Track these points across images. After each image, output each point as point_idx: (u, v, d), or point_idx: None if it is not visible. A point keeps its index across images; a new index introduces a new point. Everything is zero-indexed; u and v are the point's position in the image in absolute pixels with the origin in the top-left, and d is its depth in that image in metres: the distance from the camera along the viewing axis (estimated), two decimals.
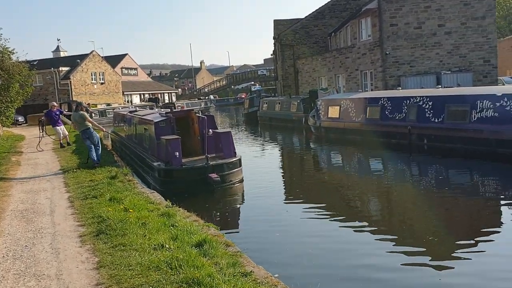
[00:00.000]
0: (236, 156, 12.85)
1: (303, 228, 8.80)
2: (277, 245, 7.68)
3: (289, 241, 7.91)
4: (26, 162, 15.65)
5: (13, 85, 24.31)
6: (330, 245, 7.79)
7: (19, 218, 7.95)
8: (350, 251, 7.41)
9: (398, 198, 11.45)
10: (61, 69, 48.26)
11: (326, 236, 8.25)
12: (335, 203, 11.20)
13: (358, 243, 7.86)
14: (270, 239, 8.04)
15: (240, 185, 12.52)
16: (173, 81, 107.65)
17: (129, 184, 10.30)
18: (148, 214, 7.52)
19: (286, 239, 8.00)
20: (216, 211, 10.38)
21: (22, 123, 39.53)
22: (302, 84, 37.96)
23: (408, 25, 26.27)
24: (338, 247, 7.67)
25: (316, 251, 7.37)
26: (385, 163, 16.79)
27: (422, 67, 26.44)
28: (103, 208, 7.84)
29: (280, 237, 8.15)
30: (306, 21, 38.97)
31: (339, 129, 21.68)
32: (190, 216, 7.81)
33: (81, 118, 13.55)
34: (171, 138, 12.18)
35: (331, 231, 8.60)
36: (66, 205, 8.64)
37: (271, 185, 13.30)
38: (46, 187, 10.78)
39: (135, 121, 17.11)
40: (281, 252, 7.30)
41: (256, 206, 10.70)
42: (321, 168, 16.86)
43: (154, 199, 9.08)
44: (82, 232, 6.65)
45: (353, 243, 7.85)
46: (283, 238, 8.06)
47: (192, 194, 11.04)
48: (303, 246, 7.63)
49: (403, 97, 18.46)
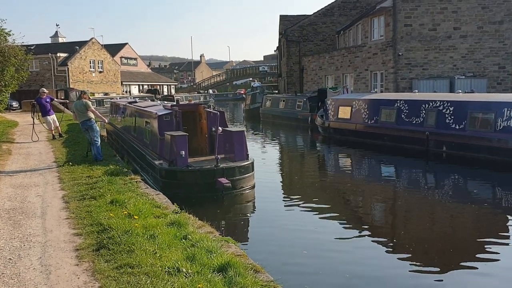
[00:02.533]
0: (249, 159, 11.56)
1: (329, 243, 7.78)
2: (310, 267, 6.61)
3: (322, 261, 6.88)
4: (18, 151, 14.51)
5: (8, 68, 23.10)
6: (367, 265, 6.78)
7: (4, 219, 6.85)
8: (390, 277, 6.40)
9: (417, 208, 10.46)
10: (59, 55, 46.87)
11: (353, 252, 7.27)
12: (353, 213, 10.28)
13: (395, 267, 6.86)
14: (299, 258, 6.94)
15: (251, 192, 11.20)
16: (173, 73, 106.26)
17: (131, 183, 9.19)
18: (156, 222, 6.44)
19: (317, 259, 6.97)
20: (228, 222, 9.18)
21: (16, 108, 38.27)
22: (307, 82, 36.89)
23: (423, 26, 25.30)
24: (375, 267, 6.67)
25: (355, 271, 6.38)
26: (400, 169, 15.78)
27: (435, 71, 25.49)
28: (104, 213, 6.74)
29: (310, 256, 7.07)
30: (314, 17, 37.90)
31: (350, 130, 20.65)
32: (203, 227, 6.75)
33: (84, 107, 12.20)
34: (177, 135, 10.84)
35: (358, 246, 7.63)
36: (59, 206, 7.52)
37: (282, 192, 12.24)
38: (38, 182, 9.66)
39: (135, 113, 15.75)
40: (318, 275, 6.29)
41: (272, 217, 9.57)
42: (334, 173, 15.73)
43: (160, 202, 8.01)
44: (79, 244, 5.54)
45: (391, 267, 6.83)
46: (313, 257, 7.03)
47: (197, 200, 9.75)
48: (337, 265, 6.68)
49: (421, 101, 17.45)
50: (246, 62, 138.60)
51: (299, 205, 10.52)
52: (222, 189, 10.21)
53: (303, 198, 11.14)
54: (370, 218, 9.87)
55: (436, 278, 6.40)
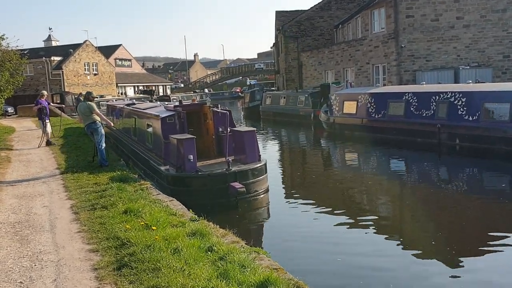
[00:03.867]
0: (262, 161, 10.90)
1: (359, 247, 7.30)
2: (353, 277, 6.13)
3: (362, 270, 6.42)
4: (17, 158, 13.92)
5: (3, 73, 22.42)
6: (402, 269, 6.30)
7: (10, 235, 6.29)
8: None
9: (436, 202, 10.01)
10: (53, 58, 46.12)
11: (387, 257, 6.80)
12: (371, 213, 9.83)
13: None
14: (335, 266, 6.45)
15: (265, 195, 10.58)
16: (167, 73, 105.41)
17: (142, 190, 8.63)
18: (176, 232, 5.91)
19: (355, 267, 6.50)
20: (246, 230, 8.49)
21: (11, 114, 37.52)
22: (306, 77, 36.37)
23: (425, 17, 24.79)
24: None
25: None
26: (412, 164, 15.30)
27: (439, 62, 25.00)
28: (119, 224, 6.19)
29: (346, 264, 6.58)
30: (311, 12, 37.36)
31: (356, 125, 20.15)
32: (227, 235, 6.22)
33: (88, 109, 11.52)
34: (184, 138, 10.14)
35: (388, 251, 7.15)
36: (69, 218, 6.97)
37: (296, 194, 11.64)
38: (43, 191, 9.09)
39: (134, 115, 15.01)
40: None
41: (292, 222, 9.04)
42: (345, 170, 15.18)
43: (175, 209, 7.47)
44: (97, 263, 4.99)
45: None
46: (350, 265, 6.55)
47: (209, 207, 8.91)
48: (378, 272, 6.22)
49: (431, 93, 16.97)
50: (240, 60, 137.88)
51: (316, 207, 10.01)
52: (235, 195, 9.55)
53: (319, 199, 10.65)
54: (392, 218, 9.40)
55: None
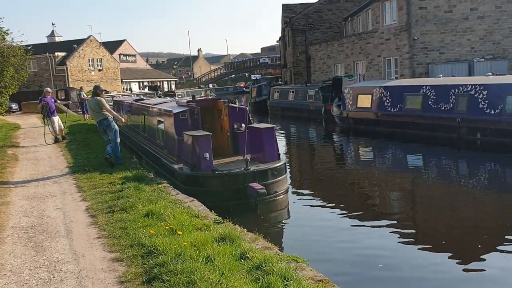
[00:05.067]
0: (281, 160, 10.31)
1: (393, 250, 6.82)
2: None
3: (408, 275, 5.99)
4: (25, 156, 13.46)
5: (8, 69, 21.92)
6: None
7: (24, 241, 5.81)
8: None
9: (457, 199, 9.48)
10: (56, 54, 45.57)
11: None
12: (394, 210, 9.42)
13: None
14: (377, 272, 5.97)
15: (285, 196, 9.97)
16: (171, 69, 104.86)
17: (160, 189, 8.14)
18: (204, 237, 5.42)
19: (401, 271, 6.05)
20: (270, 234, 7.87)
21: (16, 110, 37.11)
22: (314, 71, 35.78)
23: (438, 8, 24.17)
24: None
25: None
26: (432, 159, 14.75)
27: (453, 54, 24.40)
28: (142, 229, 5.69)
29: (390, 269, 6.10)
30: (319, 4, 36.73)
31: (371, 120, 19.62)
32: (257, 240, 5.73)
33: (97, 105, 10.89)
34: (199, 135, 9.52)
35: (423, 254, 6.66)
36: (86, 221, 6.48)
37: (316, 194, 11.00)
38: (54, 192, 8.61)
39: (144, 111, 14.44)
40: None
41: (317, 225, 8.49)
42: (363, 166, 14.64)
43: (197, 210, 6.98)
44: (123, 274, 4.48)
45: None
46: (394, 270, 6.10)
47: (226, 209, 7.97)
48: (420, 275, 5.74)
49: (450, 85, 16.41)
50: (243, 55, 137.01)
51: (336, 206, 9.55)
52: (255, 196, 8.96)
53: (338, 198, 10.23)
54: (419, 217, 8.88)
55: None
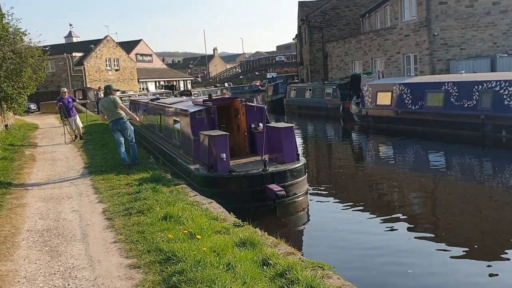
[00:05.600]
0: (300, 160, 9.92)
1: (421, 256, 6.51)
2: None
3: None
4: (42, 157, 13.42)
5: (26, 69, 21.91)
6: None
7: (39, 245, 5.65)
8: None
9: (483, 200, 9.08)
10: (74, 54, 45.94)
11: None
12: (420, 212, 9.06)
13: None
14: (408, 280, 5.67)
15: (305, 198, 9.62)
16: (187, 68, 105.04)
17: (177, 190, 7.94)
18: (223, 242, 5.19)
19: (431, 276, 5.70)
20: (291, 238, 7.57)
21: (34, 110, 37.46)
22: (332, 69, 35.36)
23: (459, 3, 23.61)
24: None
25: None
26: (454, 158, 14.33)
27: (474, 50, 23.81)
28: (159, 233, 5.48)
29: (418, 276, 5.81)
30: (336, 1, 36.27)
31: (391, 117, 19.21)
32: (279, 245, 5.47)
33: (113, 105, 10.63)
34: (216, 135, 9.23)
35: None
36: (102, 225, 6.31)
37: (337, 195, 10.58)
38: (71, 193, 8.48)
39: (160, 110, 14.27)
40: None
41: (340, 229, 8.13)
42: (384, 166, 14.13)
43: (216, 212, 6.77)
44: (141, 282, 4.25)
45: None
46: (425, 279, 5.78)
47: (244, 211, 7.63)
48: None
49: (473, 82, 15.93)
50: (259, 54, 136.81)
51: (360, 209, 9.20)
52: (274, 198, 8.67)
53: (359, 199, 9.87)
54: (445, 219, 8.53)
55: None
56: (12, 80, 21.66)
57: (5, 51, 21.54)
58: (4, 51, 21.54)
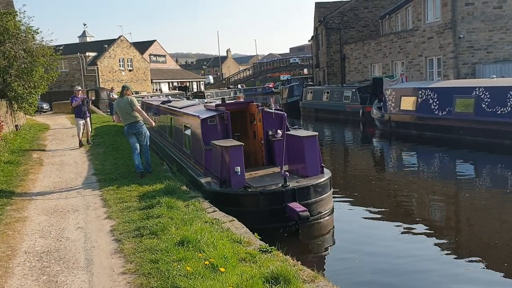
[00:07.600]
0: (325, 173, 8.84)
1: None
2: None
3: None
4: (50, 161, 12.72)
5: (37, 68, 21.36)
6: None
7: (35, 273, 4.87)
8: None
9: None
10: (87, 54, 45.51)
11: None
12: (455, 232, 8.21)
13: None
14: None
15: (330, 218, 8.56)
16: (200, 69, 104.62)
17: (194, 205, 7.13)
18: (250, 274, 4.38)
19: None
20: (324, 265, 6.75)
21: (47, 110, 37.05)
22: (349, 71, 34.43)
23: (487, 4, 22.59)
24: None
25: None
26: (486, 169, 13.33)
27: (502, 53, 22.76)
28: (175, 263, 4.63)
29: None
30: (355, 2, 35.36)
31: (416, 124, 18.26)
32: (317, 280, 4.64)
33: (129, 106, 9.77)
34: (229, 145, 8.19)
35: None
36: (110, 248, 5.49)
37: (362, 211, 9.53)
38: (77, 205, 7.71)
39: (171, 114, 13.16)
40: None
41: (378, 251, 7.24)
42: (414, 177, 12.91)
43: (238, 233, 5.95)
44: None
45: None
46: None
47: (260, 232, 6.42)
48: None
49: (507, 87, 14.95)
50: (272, 55, 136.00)
51: (394, 227, 8.29)
52: (296, 220, 7.64)
53: (393, 216, 8.96)
54: (479, 239, 7.63)
55: None
56: (23, 79, 21.11)
57: (17, 50, 21.00)
58: (16, 50, 21.02)
